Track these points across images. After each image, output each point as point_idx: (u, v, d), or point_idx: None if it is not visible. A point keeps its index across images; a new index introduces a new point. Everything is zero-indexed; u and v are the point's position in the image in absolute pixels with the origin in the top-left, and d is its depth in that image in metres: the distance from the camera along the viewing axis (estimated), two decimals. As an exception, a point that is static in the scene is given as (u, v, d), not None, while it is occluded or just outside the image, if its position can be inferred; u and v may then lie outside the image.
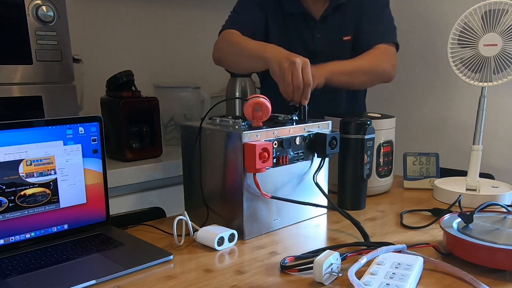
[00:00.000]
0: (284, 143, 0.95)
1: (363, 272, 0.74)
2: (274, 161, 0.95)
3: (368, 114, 1.24)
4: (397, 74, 1.34)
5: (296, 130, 0.98)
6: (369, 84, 1.40)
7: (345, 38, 1.41)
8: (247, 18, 1.38)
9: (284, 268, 0.79)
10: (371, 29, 1.37)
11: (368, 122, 1.09)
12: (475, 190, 1.15)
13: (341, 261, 0.78)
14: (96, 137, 0.95)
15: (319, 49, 1.40)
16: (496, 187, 1.18)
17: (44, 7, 1.25)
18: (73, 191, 0.92)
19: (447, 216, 0.91)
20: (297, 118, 1.03)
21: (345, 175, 1.12)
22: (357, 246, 0.87)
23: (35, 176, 0.87)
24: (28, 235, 0.88)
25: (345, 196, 1.13)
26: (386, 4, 1.41)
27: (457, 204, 1.05)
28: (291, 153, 0.98)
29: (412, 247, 0.85)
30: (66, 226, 0.93)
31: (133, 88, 1.64)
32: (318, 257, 0.74)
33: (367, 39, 1.36)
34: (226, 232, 0.90)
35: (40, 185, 0.88)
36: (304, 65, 1.04)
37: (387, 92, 1.95)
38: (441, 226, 0.86)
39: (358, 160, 1.09)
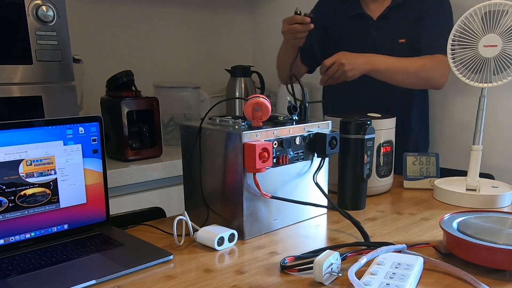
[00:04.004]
0: (284, 143, 0.95)
1: (363, 272, 0.74)
2: (274, 161, 0.95)
3: (368, 114, 1.24)
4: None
5: (296, 130, 0.98)
6: (412, 86, 1.47)
7: (401, 41, 1.45)
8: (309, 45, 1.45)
9: (284, 268, 0.79)
10: (435, 37, 1.40)
11: (368, 122, 1.09)
12: (475, 190, 1.15)
13: (341, 261, 0.78)
14: (96, 137, 0.95)
15: (375, 48, 1.43)
16: (496, 187, 1.18)
17: (44, 7, 1.25)
18: (73, 191, 0.92)
19: (447, 216, 0.91)
20: (297, 118, 1.03)
21: (345, 175, 1.12)
22: (357, 246, 0.87)
23: (35, 176, 0.87)
24: (28, 235, 0.88)
25: (345, 196, 1.13)
26: (451, 15, 1.44)
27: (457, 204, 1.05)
28: (291, 153, 0.98)
29: (412, 247, 0.85)
30: (66, 226, 0.93)
31: (133, 88, 1.64)
32: (318, 257, 0.74)
33: (428, 45, 1.40)
34: (226, 232, 0.90)
35: (40, 185, 0.88)
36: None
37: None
38: (441, 226, 0.86)
39: (358, 160, 1.09)
